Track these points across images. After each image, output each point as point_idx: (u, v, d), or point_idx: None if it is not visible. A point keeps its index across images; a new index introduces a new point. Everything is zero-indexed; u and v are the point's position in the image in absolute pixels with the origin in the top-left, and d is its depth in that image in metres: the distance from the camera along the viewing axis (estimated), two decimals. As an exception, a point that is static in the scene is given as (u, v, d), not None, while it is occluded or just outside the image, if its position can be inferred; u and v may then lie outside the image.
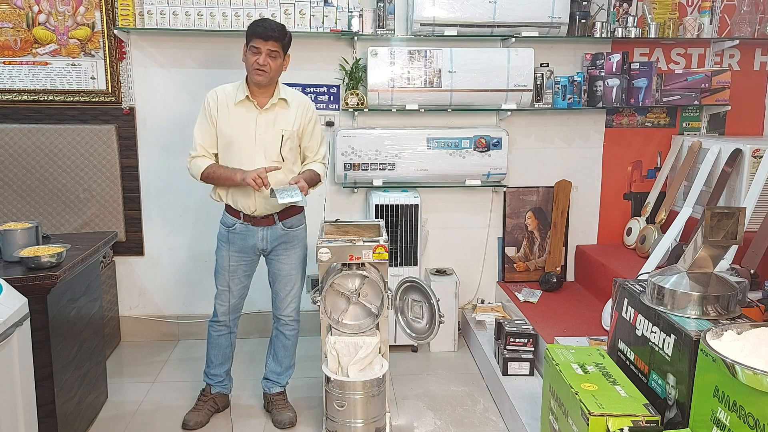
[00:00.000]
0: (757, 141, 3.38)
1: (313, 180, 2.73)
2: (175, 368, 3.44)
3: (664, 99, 3.62)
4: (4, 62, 3.43)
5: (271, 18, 3.07)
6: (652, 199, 3.75)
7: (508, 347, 3.06)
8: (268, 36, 2.54)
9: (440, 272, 3.68)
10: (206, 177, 2.66)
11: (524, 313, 3.39)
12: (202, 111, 2.69)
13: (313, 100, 3.57)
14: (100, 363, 2.98)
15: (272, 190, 2.54)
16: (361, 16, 3.39)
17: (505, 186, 3.75)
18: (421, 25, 3.38)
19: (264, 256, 2.84)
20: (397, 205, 3.47)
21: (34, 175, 3.48)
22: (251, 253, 2.79)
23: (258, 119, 2.64)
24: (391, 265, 3.16)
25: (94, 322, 2.87)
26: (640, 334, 2.13)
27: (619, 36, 3.57)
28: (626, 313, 2.25)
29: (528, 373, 3.00)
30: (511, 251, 3.86)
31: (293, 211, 2.78)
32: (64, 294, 2.49)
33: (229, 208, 2.76)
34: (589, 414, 1.84)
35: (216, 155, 2.71)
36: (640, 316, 2.14)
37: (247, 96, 2.63)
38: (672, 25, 3.55)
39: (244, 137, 2.63)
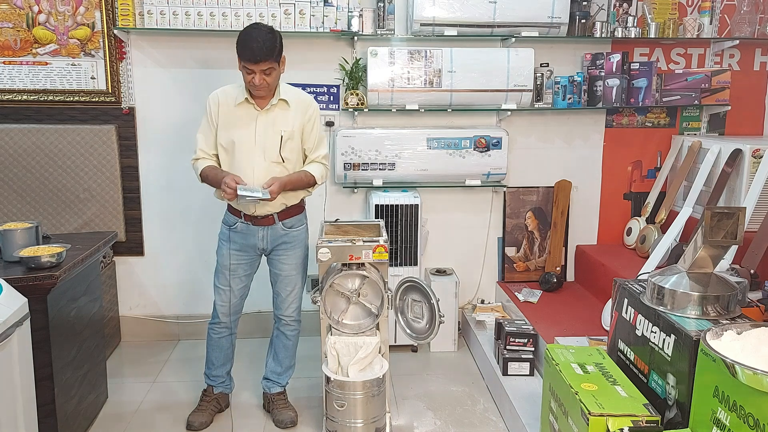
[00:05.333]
0: (757, 141, 3.38)
1: (301, 181, 2.67)
2: (175, 368, 3.44)
3: (664, 99, 3.62)
4: (4, 62, 3.43)
5: (260, 26, 2.56)
6: (652, 199, 3.75)
7: (508, 347, 3.06)
8: (258, 60, 2.48)
9: (440, 272, 3.68)
10: (204, 179, 2.70)
11: (524, 313, 3.39)
12: (205, 113, 2.71)
13: (313, 100, 3.60)
14: (100, 363, 2.98)
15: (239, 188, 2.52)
16: (361, 16, 3.39)
17: (505, 186, 3.75)
18: (421, 25, 3.38)
19: (265, 255, 2.84)
20: (397, 205, 3.47)
21: (34, 175, 3.48)
22: (252, 252, 2.79)
23: (258, 120, 2.64)
24: (391, 265, 3.16)
25: (94, 322, 2.87)
26: (640, 334, 2.13)
27: (619, 36, 3.56)
28: (626, 313, 2.25)
29: (528, 373, 3.00)
30: (511, 251, 3.86)
31: (293, 211, 2.77)
32: (64, 294, 2.49)
33: (230, 207, 2.77)
34: (589, 414, 1.85)
35: (216, 156, 2.73)
36: (640, 316, 2.14)
37: (246, 98, 2.62)
38: (672, 25, 3.55)
39: (244, 138, 2.63)
